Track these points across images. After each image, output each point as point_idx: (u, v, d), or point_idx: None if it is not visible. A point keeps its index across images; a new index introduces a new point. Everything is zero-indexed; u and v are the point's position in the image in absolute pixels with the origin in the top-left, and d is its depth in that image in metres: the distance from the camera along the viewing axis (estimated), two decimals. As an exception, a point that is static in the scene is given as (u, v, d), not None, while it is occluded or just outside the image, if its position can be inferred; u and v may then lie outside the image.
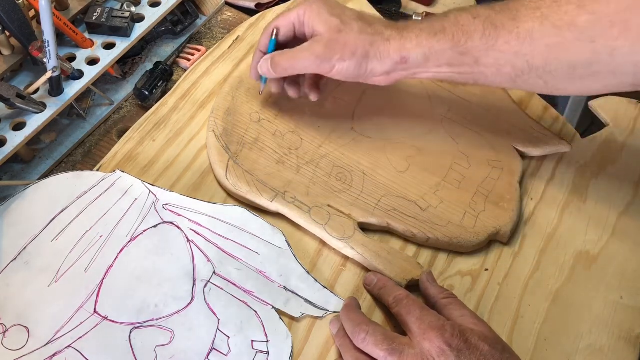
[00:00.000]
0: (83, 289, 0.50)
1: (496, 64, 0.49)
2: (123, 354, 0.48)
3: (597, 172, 0.63)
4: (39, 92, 0.62)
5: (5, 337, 0.48)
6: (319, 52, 0.52)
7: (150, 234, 0.54)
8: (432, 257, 0.56)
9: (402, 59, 0.51)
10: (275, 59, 0.55)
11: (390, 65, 0.52)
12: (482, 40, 0.48)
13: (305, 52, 0.53)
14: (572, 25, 0.45)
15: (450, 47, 0.50)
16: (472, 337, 0.43)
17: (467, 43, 0.49)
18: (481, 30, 0.48)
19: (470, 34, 0.49)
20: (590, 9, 0.44)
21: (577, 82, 0.48)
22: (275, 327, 0.50)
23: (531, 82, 0.50)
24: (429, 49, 0.50)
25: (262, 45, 0.58)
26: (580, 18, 0.45)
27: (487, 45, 0.48)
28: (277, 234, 0.55)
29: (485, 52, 0.49)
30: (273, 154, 0.60)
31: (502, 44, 0.48)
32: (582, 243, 0.58)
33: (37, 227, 0.53)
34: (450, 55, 0.50)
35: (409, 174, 0.60)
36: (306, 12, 0.54)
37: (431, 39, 0.50)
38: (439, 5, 0.84)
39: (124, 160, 0.60)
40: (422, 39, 0.50)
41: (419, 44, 0.50)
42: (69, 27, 0.65)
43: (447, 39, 0.50)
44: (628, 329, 0.53)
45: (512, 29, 0.47)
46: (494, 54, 0.49)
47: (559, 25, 0.45)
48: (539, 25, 0.46)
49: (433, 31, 0.50)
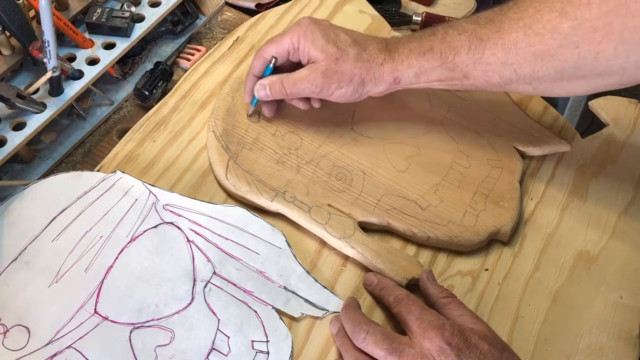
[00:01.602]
0: (83, 289, 0.50)
1: (484, 75, 0.51)
2: (123, 354, 0.48)
3: (597, 172, 0.63)
4: (39, 92, 0.62)
5: (6, 338, 0.48)
6: (318, 81, 0.54)
7: (150, 234, 0.54)
8: (432, 257, 0.56)
9: (395, 79, 0.54)
10: (274, 85, 0.56)
11: (384, 86, 0.55)
12: (469, 55, 0.50)
13: (304, 81, 0.55)
14: (555, 32, 0.46)
15: (439, 64, 0.52)
16: (471, 336, 0.44)
17: (455, 59, 0.51)
18: (467, 45, 0.50)
19: (457, 50, 0.51)
20: (572, 15, 0.45)
21: (565, 85, 0.49)
22: (275, 327, 0.50)
23: (520, 88, 0.51)
24: (419, 67, 0.53)
25: (256, 70, 0.58)
26: (563, 25, 0.45)
27: (473, 59, 0.50)
28: (277, 234, 0.55)
29: (472, 65, 0.51)
30: (273, 153, 0.60)
31: (488, 56, 0.50)
32: (582, 243, 0.58)
33: (37, 227, 0.53)
34: (440, 71, 0.52)
35: (409, 173, 0.60)
36: (300, 39, 0.55)
37: (421, 58, 0.53)
38: (439, 5, 0.84)
39: (124, 160, 0.60)
40: (412, 59, 0.53)
41: (410, 65, 0.53)
42: (69, 27, 0.65)
43: (435, 57, 0.52)
44: (628, 329, 0.53)
45: (497, 40, 0.49)
46: (481, 67, 0.50)
47: (542, 33, 0.47)
48: (522, 35, 0.48)
49: (422, 50, 0.53)
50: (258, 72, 0.58)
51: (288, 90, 0.56)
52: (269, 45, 0.57)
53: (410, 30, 0.80)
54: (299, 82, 0.55)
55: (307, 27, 0.55)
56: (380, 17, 0.76)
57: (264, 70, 0.58)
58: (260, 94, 0.58)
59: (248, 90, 0.60)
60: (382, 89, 0.55)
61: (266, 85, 0.57)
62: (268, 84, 0.57)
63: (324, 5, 0.77)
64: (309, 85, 0.55)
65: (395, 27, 0.77)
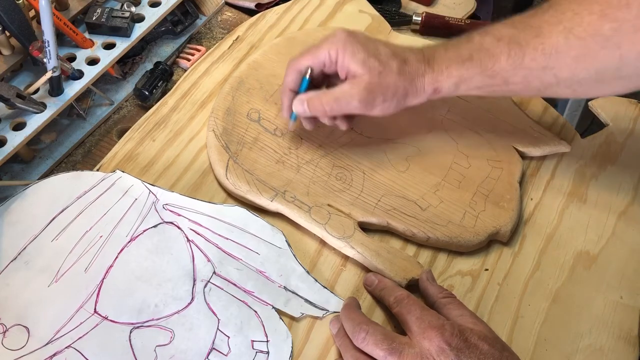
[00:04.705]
0: (83, 289, 0.50)
1: (524, 80, 0.50)
2: (123, 353, 0.48)
3: (597, 172, 0.63)
4: (39, 92, 0.62)
5: (5, 337, 0.48)
6: (362, 96, 0.52)
7: (150, 234, 0.54)
8: (432, 257, 0.56)
9: (435, 90, 0.53)
10: (313, 101, 0.54)
11: (424, 97, 0.54)
12: (509, 61, 0.50)
13: (347, 96, 0.52)
14: (596, 35, 0.46)
15: (478, 72, 0.51)
16: (471, 336, 0.44)
17: (495, 66, 0.50)
18: (507, 52, 0.50)
19: (496, 57, 0.50)
20: (613, 17, 0.45)
21: (605, 86, 0.49)
22: (275, 327, 0.50)
23: (560, 92, 0.51)
24: (458, 77, 0.52)
25: (291, 84, 0.56)
26: (604, 27, 0.45)
27: (514, 65, 0.50)
28: (277, 233, 0.55)
29: (513, 71, 0.50)
30: (273, 153, 0.60)
31: (528, 62, 0.49)
32: (582, 243, 0.58)
33: (37, 227, 0.53)
34: (479, 79, 0.51)
35: (408, 173, 0.60)
36: (339, 52, 0.53)
37: (460, 67, 0.51)
38: (439, 5, 0.84)
39: (124, 160, 0.60)
40: (451, 69, 0.52)
41: (450, 75, 0.52)
42: (69, 27, 0.65)
43: (475, 66, 0.51)
44: (628, 329, 0.53)
45: (537, 45, 0.48)
46: (522, 72, 0.50)
47: (583, 37, 0.46)
48: (563, 39, 0.47)
49: (461, 59, 0.51)
50: (293, 86, 0.56)
51: (328, 108, 0.53)
52: (304, 57, 0.55)
53: (410, 30, 0.80)
54: (341, 98, 0.53)
55: (346, 40, 0.53)
56: (380, 17, 0.76)
57: (298, 82, 0.56)
58: (299, 110, 0.55)
59: (286, 108, 0.57)
60: (422, 100, 0.54)
61: (304, 101, 0.54)
62: (306, 100, 0.54)
63: (324, 4, 0.77)
64: (352, 101, 0.52)
65: (395, 27, 0.77)
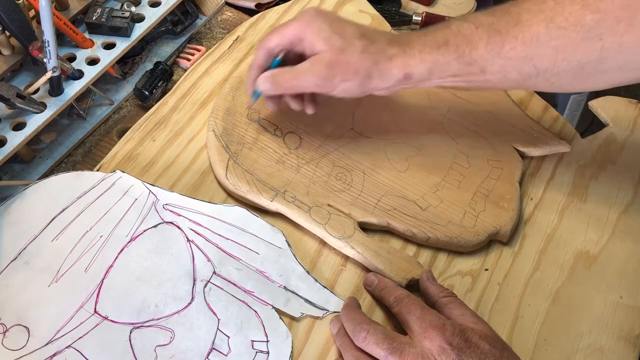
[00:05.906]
0: (83, 289, 0.50)
1: (502, 70, 0.49)
2: (123, 353, 0.48)
3: (597, 172, 0.63)
4: (39, 92, 0.62)
5: (6, 337, 0.48)
6: (321, 72, 0.51)
7: (150, 234, 0.54)
8: (432, 257, 0.56)
9: (406, 75, 0.51)
10: (276, 77, 0.53)
11: (393, 82, 0.51)
12: (487, 48, 0.48)
13: (308, 72, 0.51)
14: (578, 25, 0.45)
15: (455, 58, 0.49)
16: (472, 336, 0.44)
17: (472, 53, 0.49)
18: (485, 39, 0.48)
19: (474, 43, 0.48)
20: (595, 7, 0.44)
21: (584, 80, 0.48)
22: (275, 327, 0.50)
23: (538, 84, 0.50)
24: (432, 62, 0.50)
25: (259, 60, 0.55)
26: (586, 17, 0.45)
27: (492, 53, 0.48)
28: (277, 233, 0.55)
29: (491, 60, 0.48)
30: (273, 153, 0.60)
31: (507, 50, 0.48)
32: (582, 243, 0.58)
33: (37, 227, 0.53)
34: (456, 66, 0.50)
35: (408, 173, 0.60)
36: (306, 29, 0.52)
37: (435, 52, 0.49)
38: (439, 5, 0.84)
39: (124, 160, 0.60)
40: (425, 53, 0.50)
41: (423, 59, 0.50)
42: (69, 27, 0.65)
43: (451, 51, 0.49)
44: (628, 329, 0.53)
45: (516, 34, 0.47)
46: (500, 61, 0.48)
47: (564, 26, 0.45)
48: (544, 28, 0.46)
49: (436, 44, 0.50)
50: (261, 63, 0.55)
51: (290, 84, 0.53)
52: (272, 35, 0.54)
53: (410, 30, 0.80)
54: (302, 74, 0.52)
55: (313, 17, 0.52)
56: (380, 17, 0.76)
57: (266, 61, 0.55)
58: (262, 87, 0.54)
59: (250, 83, 0.56)
60: (390, 85, 0.51)
61: (269, 77, 0.53)
62: (270, 76, 0.53)
63: (324, 4, 0.77)
64: (312, 77, 0.51)
65: (395, 27, 0.77)
